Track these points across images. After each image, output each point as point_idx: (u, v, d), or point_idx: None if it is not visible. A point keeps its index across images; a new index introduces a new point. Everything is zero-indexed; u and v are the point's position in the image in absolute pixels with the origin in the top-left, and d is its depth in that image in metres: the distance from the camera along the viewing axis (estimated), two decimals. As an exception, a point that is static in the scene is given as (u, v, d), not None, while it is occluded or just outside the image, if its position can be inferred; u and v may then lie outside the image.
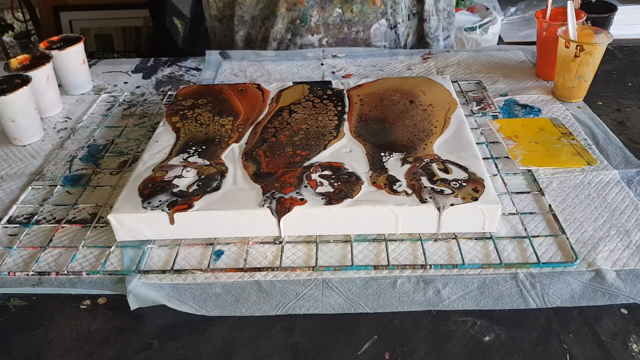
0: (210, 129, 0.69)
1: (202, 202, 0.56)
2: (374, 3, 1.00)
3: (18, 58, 0.84)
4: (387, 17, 1.03)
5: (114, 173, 0.70)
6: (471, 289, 0.51)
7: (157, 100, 0.88)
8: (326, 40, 1.05)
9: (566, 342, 0.46)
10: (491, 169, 0.66)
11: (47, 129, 0.82)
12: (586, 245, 0.55)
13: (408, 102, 0.73)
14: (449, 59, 0.97)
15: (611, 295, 0.49)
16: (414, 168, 0.59)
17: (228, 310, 0.50)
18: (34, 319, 0.51)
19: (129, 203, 0.56)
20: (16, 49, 2.52)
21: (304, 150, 0.63)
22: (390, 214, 0.54)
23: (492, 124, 0.75)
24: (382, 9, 1.01)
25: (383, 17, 1.03)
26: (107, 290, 0.53)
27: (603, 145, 0.70)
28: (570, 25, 0.78)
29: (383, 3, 1.01)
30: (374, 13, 1.02)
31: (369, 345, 0.47)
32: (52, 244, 0.58)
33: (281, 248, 0.56)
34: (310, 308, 0.50)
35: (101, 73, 0.99)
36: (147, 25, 1.97)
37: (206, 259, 0.56)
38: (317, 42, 1.04)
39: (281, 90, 0.78)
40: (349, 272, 0.53)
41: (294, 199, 0.55)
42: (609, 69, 0.91)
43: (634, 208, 0.60)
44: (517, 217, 0.59)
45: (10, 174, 0.71)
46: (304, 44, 1.05)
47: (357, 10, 1.01)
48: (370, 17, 1.02)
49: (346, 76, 0.93)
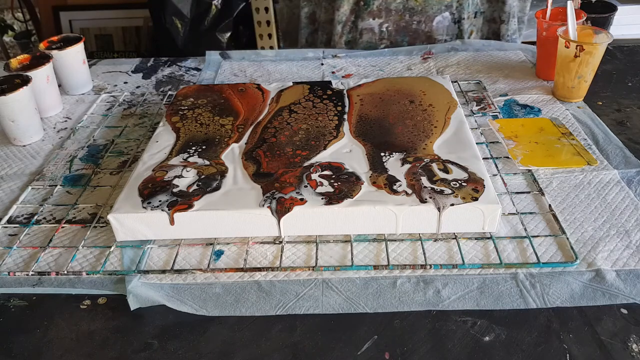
0: (210, 129, 0.69)
1: (202, 202, 0.56)
2: None
3: (18, 58, 0.84)
4: (452, 11, 1.02)
5: (114, 173, 0.70)
6: (471, 289, 0.51)
7: (157, 100, 0.88)
8: (386, 26, 1.04)
9: (566, 342, 0.46)
10: (491, 169, 0.66)
11: (47, 129, 0.82)
12: (586, 245, 0.55)
13: (408, 102, 0.73)
14: (449, 59, 0.97)
15: (611, 295, 0.49)
16: (414, 168, 0.59)
17: (228, 310, 0.50)
18: (34, 319, 0.51)
19: (129, 203, 0.56)
20: (16, 49, 2.52)
21: (304, 150, 0.63)
22: (390, 214, 0.54)
23: (492, 124, 0.75)
24: (448, 1, 1.00)
25: (447, 10, 1.01)
26: (107, 290, 0.53)
27: (603, 145, 0.70)
28: (570, 25, 0.78)
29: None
30: (438, 4, 1.01)
31: (369, 345, 0.47)
32: (52, 244, 0.58)
33: (281, 248, 0.56)
34: (310, 308, 0.50)
35: (101, 73, 0.99)
36: (147, 25, 1.97)
37: (206, 259, 0.56)
38: (377, 27, 1.03)
39: (281, 90, 0.78)
40: (349, 272, 0.53)
41: (294, 199, 0.55)
42: (609, 69, 0.91)
43: (634, 208, 0.60)
44: (517, 217, 0.59)
45: (10, 174, 0.71)
46: (364, 28, 1.03)
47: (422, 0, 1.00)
48: (434, 8, 1.01)
49: (346, 76, 0.93)
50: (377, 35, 1.04)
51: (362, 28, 1.03)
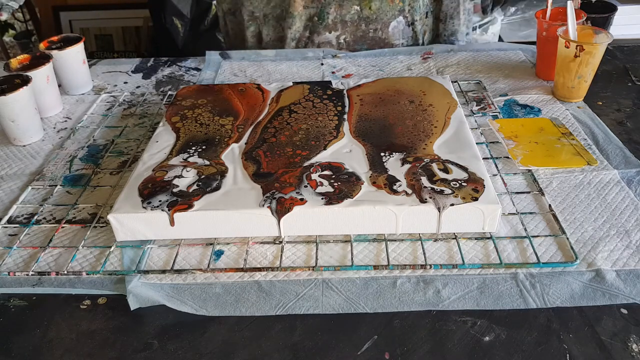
0: (210, 129, 0.69)
1: (202, 202, 0.56)
2: (392, 0, 1.00)
3: (18, 58, 0.84)
4: (405, 15, 1.02)
5: (114, 173, 0.70)
6: (471, 289, 0.51)
7: (157, 100, 0.88)
8: (344, 38, 1.04)
9: (566, 342, 0.46)
10: (491, 169, 0.66)
11: (47, 129, 0.82)
12: (586, 245, 0.55)
13: (408, 102, 0.73)
14: (449, 59, 0.97)
15: (611, 295, 0.49)
16: (414, 168, 0.59)
17: (228, 310, 0.50)
18: (34, 319, 0.51)
19: (129, 203, 0.56)
20: (16, 49, 2.52)
21: (304, 150, 0.63)
22: (390, 214, 0.54)
23: (492, 124, 0.75)
24: (400, 5, 1.01)
25: (401, 15, 1.02)
26: (107, 290, 0.53)
27: (603, 145, 0.70)
28: (570, 25, 0.78)
29: (401, 0, 1.01)
30: (392, 10, 1.01)
31: (369, 345, 0.47)
32: (52, 244, 0.58)
33: (281, 248, 0.56)
34: (310, 308, 0.50)
35: (101, 73, 0.99)
36: (147, 25, 1.97)
37: (206, 259, 0.56)
38: (334, 40, 1.04)
39: (281, 90, 0.78)
40: (349, 272, 0.53)
41: (294, 199, 0.55)
42: (609, 69, 0.91)
43: (634, 208, 0.60)
44: (517, 217, 0.59)
45: (10, 174, 0.71)
46: (321, 42, 1.04)
47: (376, 8, 1.00)
48: (388, 14, 1.01)
49: (346, 76, 0.93)
50: (336, 47, 1.05)
51: (319, 42, 1.04)
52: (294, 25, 1.02)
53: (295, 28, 1.02)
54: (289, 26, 1.02)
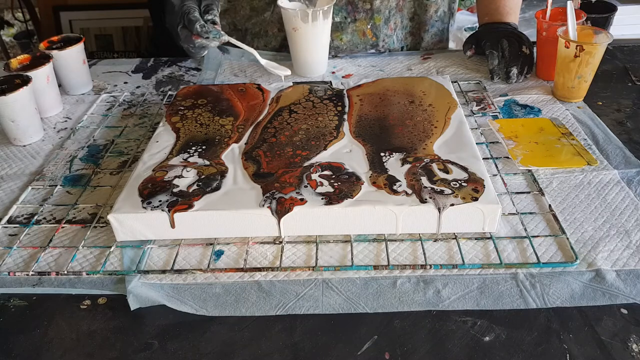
0: (210, 129, 0.69)
1: (202, 202, 0.56)
2: (364, 34, 1.00)
3: (18, 58, 0.84)
4: (379, 49, 1.02)
5: (114, 173, 0.70)
6: (471, 289, 0.51)
7: (157, 100, 0.88)
8: None
9: (566, 342, 0.46)
10: (491, 169, 0.66)
11: (47, 129, 0.82)
12: (586, 245, 0.55)
13: (408, 102, 0.73)
14: (449, 59, 0.97)
15: (611, 295, 0.49)
16: (414, 168, 0.59)
17: (228, 310, 0.50)
18: (34, 319, 0.51)
19: (129, 203, 0.56)
20: (16, 49, 2.52)
21: (304, 151, 0.63)
22: (390, 214, 0.54)
23: (492, 124, 0.75)
24: (374, 40, 1.01)
25: (373, 49, 1.02)
26: (107, 290, 0.53)
27: (603, 145, 0.70)
28: (570, 25, 0.78)
29: (375, 35, 1.00)
30: (363, 44, 1.01)
31: (369, 345, 0.47)
32: (52, 244, 0.58)
33: (281, 248, 0.56)
34: (310, 308, 0.50)
35: (101, 73, 0.99)
36: (147, 25, 1.97)
37: (206, 259, 0.56)
38: None
39: (281, 90, 0.78)
40: (349, 272, 0.53)
41: (294, 199, 0.55)
42: (609, 69, 0.91)
43: (634, 208, 0.60)
44: (517, 217, 0.59)
45: (10, 174, 0.71)
46: None
47: (347, 40, 1.00)
48: (359, 47, 1.01)
49: (346, 76, 0.93)
50: None
51: None
52: (270, 44, 1.03)
53: (272, 47, 1.03)
54: (264, 45, 1.03)
